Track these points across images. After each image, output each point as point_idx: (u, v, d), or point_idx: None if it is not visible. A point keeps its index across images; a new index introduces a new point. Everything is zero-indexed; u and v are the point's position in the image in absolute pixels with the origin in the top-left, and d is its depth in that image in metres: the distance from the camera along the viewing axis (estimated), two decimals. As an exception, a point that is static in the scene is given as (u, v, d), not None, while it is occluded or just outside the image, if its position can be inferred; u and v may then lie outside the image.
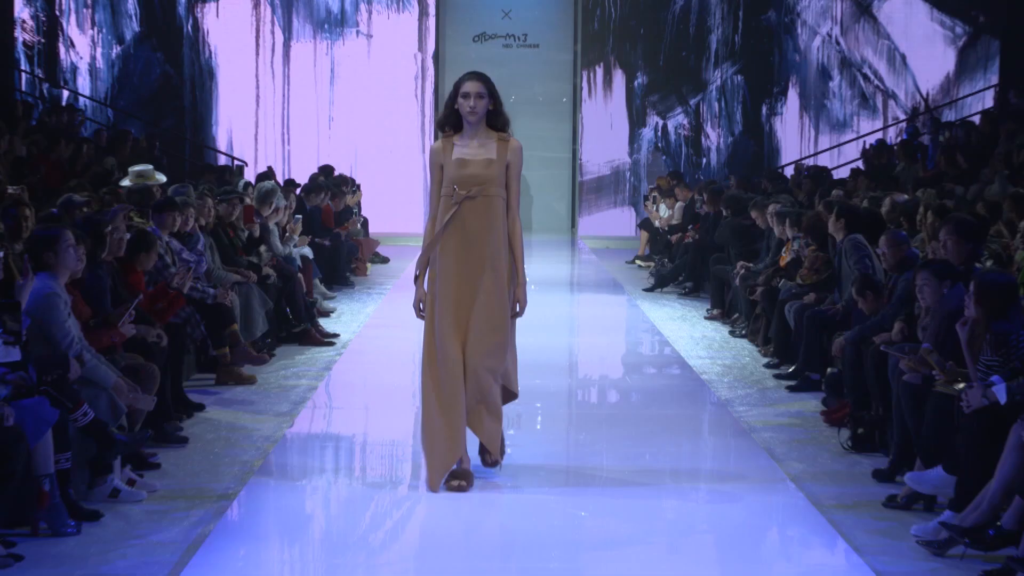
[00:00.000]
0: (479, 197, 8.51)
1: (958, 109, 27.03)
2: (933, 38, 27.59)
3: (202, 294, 12.05)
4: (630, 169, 27.99)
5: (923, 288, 9.05)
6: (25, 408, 7.42)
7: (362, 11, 27.64)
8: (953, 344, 8.50)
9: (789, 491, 8.75)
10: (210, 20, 27.50)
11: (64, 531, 7.56)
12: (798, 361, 12.42)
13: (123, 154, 20.27)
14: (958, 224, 9.72)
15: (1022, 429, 7.14)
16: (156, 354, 9.92)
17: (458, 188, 8.48)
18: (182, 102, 27.59)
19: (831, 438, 10.17)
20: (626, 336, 16.34)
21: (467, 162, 8.52)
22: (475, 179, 8.51)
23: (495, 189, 8.57)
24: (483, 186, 8.51)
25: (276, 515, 8.29)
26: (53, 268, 8.67)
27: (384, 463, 10.22)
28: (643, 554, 7.39)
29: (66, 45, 27.13)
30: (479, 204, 8.53)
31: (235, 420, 10.77)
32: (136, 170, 15.62)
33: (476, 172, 8.52)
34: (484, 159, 8.55)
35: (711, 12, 27.74)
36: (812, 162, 26.27)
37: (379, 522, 8.19)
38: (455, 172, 8.49)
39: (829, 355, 11.29)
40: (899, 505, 8.37)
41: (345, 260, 19.84)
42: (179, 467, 9.20)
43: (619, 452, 9.93)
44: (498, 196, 8.59)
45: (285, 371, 12.90)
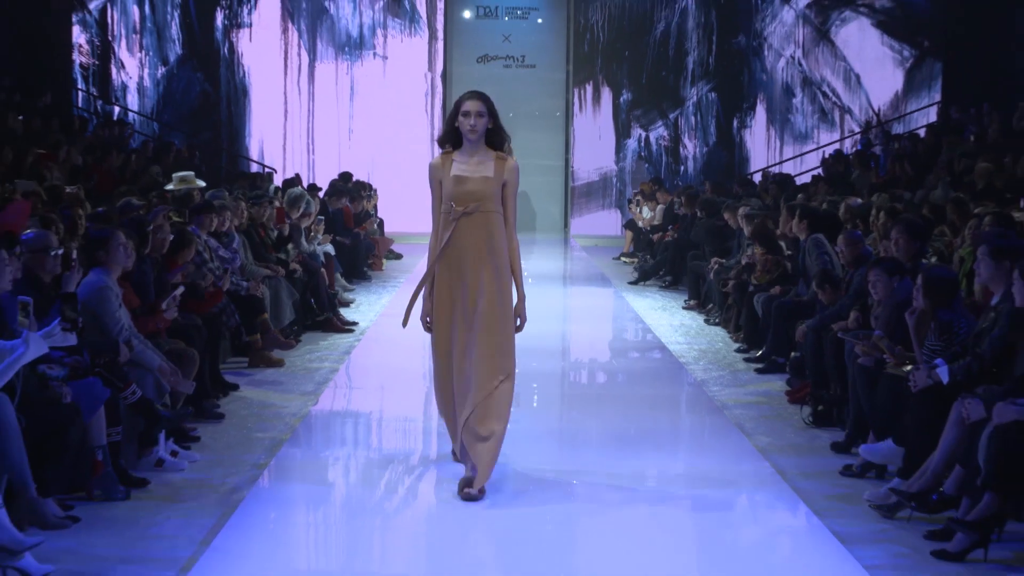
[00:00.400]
0: (476, 213, 7.79)
1: (906, 123, 27.00)
2: (884, 60, 27.57)
3: (236, 287, 12.06)
4: (616, 176, 27.97)
5: (875, 283, 9.06)
6: (80, 387, 7.43)
7: (378, 35, 27.63)
8: (902, 331, 8.52)
9: (757, 461, 8.75)
10: (244, 44, 27.47)
11: (115, 496, 7.56)
12: (765, 346, 12.42)
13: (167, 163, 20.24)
14: (908, 225, 9.75)
15: (962, 406, 7.14)
16: (196, 340, 9.92)
17: (455, 205, 7.78)
18: (219, 116, 27.57)
19: (794, 415, 10.17)
20: (613, 324, 16.33)
21: (465, 179, 7.80)
22: (472, 196, 7.78)
23: (492, 205, 7.83)
24: (480, 203, 7.78)
25: (302, 483, 8.28)
26: (106, 264, 8.69)
27: (398, 436, 10.23)
28: (627, 515, 7.39)
29: (117, 66, 27.11)
30: (476, 220, 7.81)
31: (266, 399, 10.77)
32: (180, 175, 15.62)
33: (473, 189, 7.79)
34: (481, 176, 7.82)
35: (688, 36, 27.72)
36: (778, 169, 26.25)
37: (393, 489, 8.17)
38: (453, 188, 7.79)
39: (793, 341, 11.29)
40: (854, 473, 8.37)
41: (363, 256, 19.82)
42: (216, 440, 9.20)
43: (606, 427, 9.93)
44: (495, 212, 7.86)
45: (310, 355, 12.89)
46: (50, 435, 7.04)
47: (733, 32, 27.70)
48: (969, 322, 8.00)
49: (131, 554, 6.60)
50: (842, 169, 22.02)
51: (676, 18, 27.72)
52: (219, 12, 27.42)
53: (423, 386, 12.05)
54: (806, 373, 10.53)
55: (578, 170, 27.87)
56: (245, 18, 27.48)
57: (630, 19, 27.76)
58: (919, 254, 9.66)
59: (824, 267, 11.43)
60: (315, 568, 6.73)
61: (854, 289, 10.13)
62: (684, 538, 7.19)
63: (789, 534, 7.45)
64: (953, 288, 8.16)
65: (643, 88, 27.87)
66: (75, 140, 18.83)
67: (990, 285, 7.90)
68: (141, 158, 20.04)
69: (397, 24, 27.70)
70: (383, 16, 27.65)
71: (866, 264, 9.85)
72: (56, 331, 7.08)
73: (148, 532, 7.01)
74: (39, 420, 6.99)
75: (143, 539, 6.88)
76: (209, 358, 10.38)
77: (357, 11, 27.59)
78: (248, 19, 27.49)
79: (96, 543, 6.77)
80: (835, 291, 10.71)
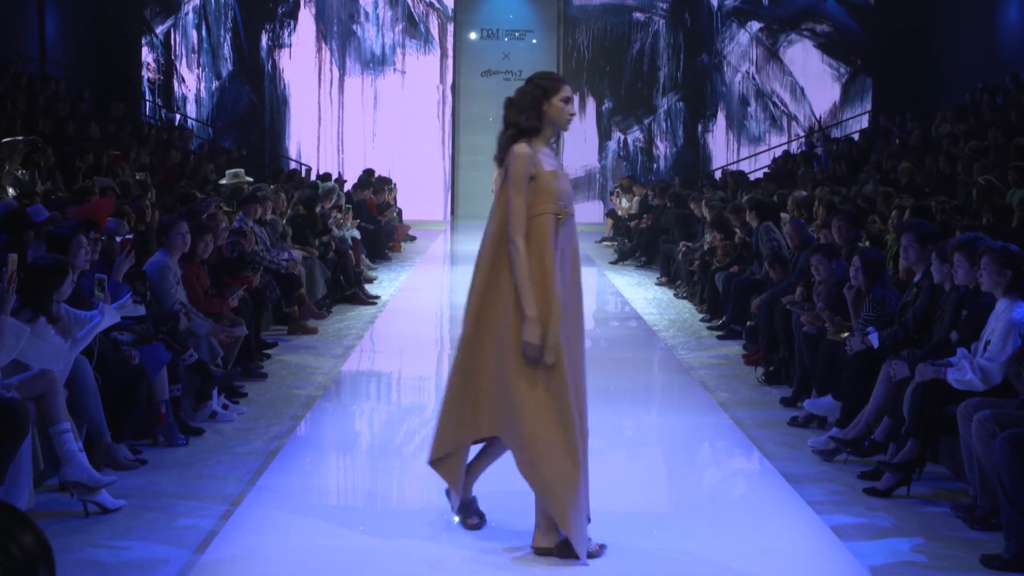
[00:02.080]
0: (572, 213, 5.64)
1: (842, 128, 26.97)
2: (823, 76, 27.55)
3: (277, 265, 12.04)
4: (599, 172, 27.92)
5: (817, 267, 9.07)
6: (146, 351, 7.44)
7: (398, 53, 27.56)
8: (840, 304, 8.53)
9: (718, 414, 8.75)
10: (284, 61, 27.40)
11: (176, 443, 7.57)
12: (725, 316, 12.41)
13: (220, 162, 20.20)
14: (846, 215, 9.78)
15: (890, 367, 7.14)
16: (243, 311, 9.92)
17: (564, 203, 5.52)
18: (263, 122, 27.51)
19: (749, 374, 10.17)
20: (596, 298, 16.30)
21: (559, 175, 5.61)
22: (569, 194, 5.65)
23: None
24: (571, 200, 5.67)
25: (333, 432, 8.28)
26: (168, 247, 8.68)
27: (415, 393, 10.23)
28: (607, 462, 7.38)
29: (179, 81, 27.04)
30: (572, 221, 5.64)
31: (302, 361, 10.76)
32: (232, 172, 15.60)
33: (567, 187, 5.64)
34: (565, 172, 5.79)
35: (660, 55, 27.66)
36: (735, 167, 26.21)
37: (410, 438, 8.17)
38: (557, 185, 5.50)
39: (748, 312, 11.28)
40: (799, 424, 8.37)
41: (384, 240, 19.80)
42: (260, 396, 9.19)
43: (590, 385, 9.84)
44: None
45: (339, 324, 12.88)
46: (122, 391, 7.05)
47: (697, 51, 27.64)
48: (896, 297, 8.01)
49: (190, 491, 6.60)
50: (790, 167, 21.99)
51: (650, 39, 27.67)
52: (264, 34, 27.35)
53: (435, 350, 12.05)
54: (759, 339, 10.53)
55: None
56: (286, 39, 27.42)
57: (611, 40, 27.69)
58: (856, 239, 9.66)
59: (773, 250, 11.43)
60: (345, 504, 6.72)
61: (799, 268, 10.13)
62: (655, 480, 7.18)
63: (744, 476, 7.45)
64: (882, 267, 8.19)
65: (622, 98, 27.81)
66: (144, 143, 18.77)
67: (914, 266, 7.90)
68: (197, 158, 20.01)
69: (413, 44, 27.62)
70: (402, 37, 27.58)
71: (809, 248, 9.85)
72: (128, 303, 7.08)
73: (204, 473, 7.00)
74: (112, 378, 7.00)
75: (200, 479, 6.88)
76: (254, 326, 10.37)
77: (380, 33, 27.53)
78: (288, 40, 27.42)
79: (161, 481, 6.77)
80: (784, 270, 10.71)
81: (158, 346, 7.62)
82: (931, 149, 18.02)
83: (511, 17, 28.14)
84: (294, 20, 27.39)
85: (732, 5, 27.49)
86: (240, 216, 11.91)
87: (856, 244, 9.53)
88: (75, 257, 7.10)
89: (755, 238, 12.26)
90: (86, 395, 6.64)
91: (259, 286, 10.92)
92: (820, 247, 9.38)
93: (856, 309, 8.22)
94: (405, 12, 27.51)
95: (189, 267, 9.14)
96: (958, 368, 6.59)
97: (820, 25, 27.50)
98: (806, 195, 13.81)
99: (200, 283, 9.34)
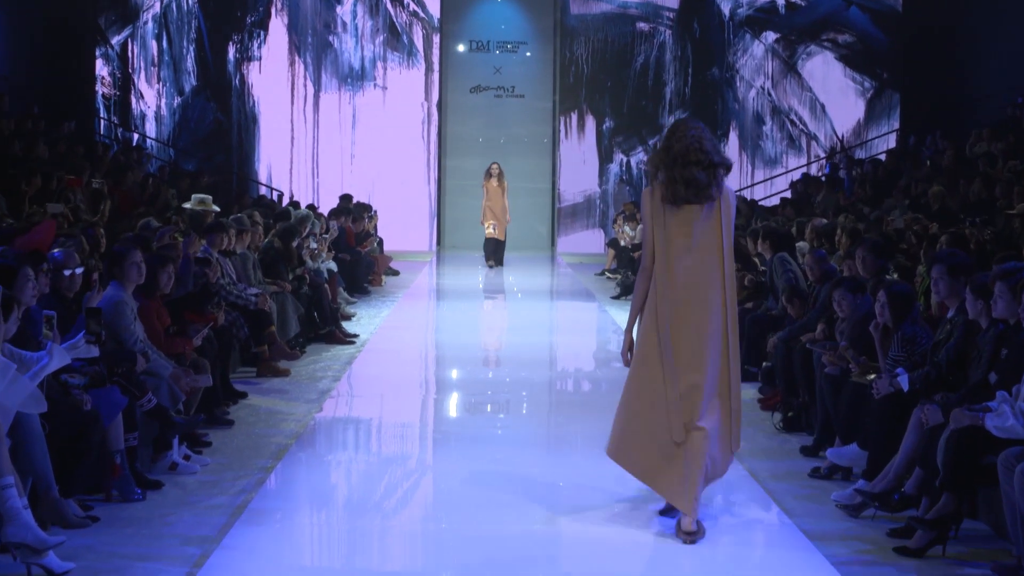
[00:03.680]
0: None
1: (867, 149, 27.05)
2: (846, 91, 27.62)
3: (245, 301, 12.02)
4: (599, 197, 27.94)
5: (840, 302, 9.08)
6: (100, 395, 7.41)
7: (379, 67, 27.60)
8: (865, 342, 8.52)
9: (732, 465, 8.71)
10: (254, 75, 27.43)
11: (132, 497, 7.53)
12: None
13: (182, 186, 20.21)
14: (872, 245, 9.79)
15: (921, 412, 7.13)
16: (207, 351, 9.89)
17: None
18: (230, 143, 27.52)
19: (766, 420, 10.15)
20: (597, 336, 16.30)
21: None
22: None
23: None
24: None
25: (306, 485, 8.25)
26: (122, 279, 8.65)
27: (396, 442, 10.19)
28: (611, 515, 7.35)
29: (137, 97, 27.07)
30: None
31: (272, 406, 10.73)
32: (198, 197, 15.64)
33: None
34: None
35: (666, 68, 27.74)
36: (749, 192, 26.27)
37: (391, 491, 8.14)
38: None
39: (764, 352, 11.27)
40: (821, 475, 8.34)
41: (364, 273, 19.79)
42: (226, 445, 9.15)
43: (590, 432, 9.89)
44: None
45: (314, 365, 12.85)
46: (72, 440, 7.01)
47: (707, 64, 27.72)
48: (927, 334, 8.01)
49: (147, 552, 6.56)
50: (810, 192, 22.00)
51: (655, 52, 27.74)
52: (231, 46, 27.40)
53: (419, 395, 12.03)
54: (777, 382, 10.51)
55: (564, 192, 27.83)
56: (255, 52, 27.46)
57: (612, 52, 27.76)
58: (882, 271, 9.67)
59: (790, 283, 11.43)
60: (319, 564, 6.69)
61: (821, 303, 10.12)
62: (664, 537, 7.15)
63: (762, 532, 7.42)
64: (911, 302, 8.19)
65: (624, 116, 27.86)
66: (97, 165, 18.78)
67: (947, 301, 7.89)
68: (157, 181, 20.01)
69: (396, 57, 27.68)
70: (383, 50, 27.63)
71: (831, 280, 9.86)
72: (81, 343, 7.07)
73: (163, 531, 6.97)
74: (62, 426, 6.96)
75: (158, 538, 6.84)
76: (220, 368, 10.34)
77: (359, 45, 27.58)
78: (258, 53, 27.46)
79: (114, 541, 6.73)
80: (803, 305, 10.71)
81: (113, 390, 7.59)
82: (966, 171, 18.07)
83: (503, 28, 28.25)
84: (264, 30, 27.46)
85: (745, 14, 27.61)
86: (204, 246, 11.90)
87: (883, 277, 9.54)
88: (21, 292, 7.07)
89: (769, 270, 12.26)
90: (32, 444, 6.60)
91: (225, 324, 10.88)
92: (843, 280, 9.39)
93: (884, 348, 8.21)
94: (387, 22, 27.58)
95: (148, 303, 9.11)
96: (998, 413, 6.57)
97: (842, 35, 27.61)
98: (827, 223, 13.83)
99: (160, 320, 9.31)
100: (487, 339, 16.54)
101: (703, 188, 6.90)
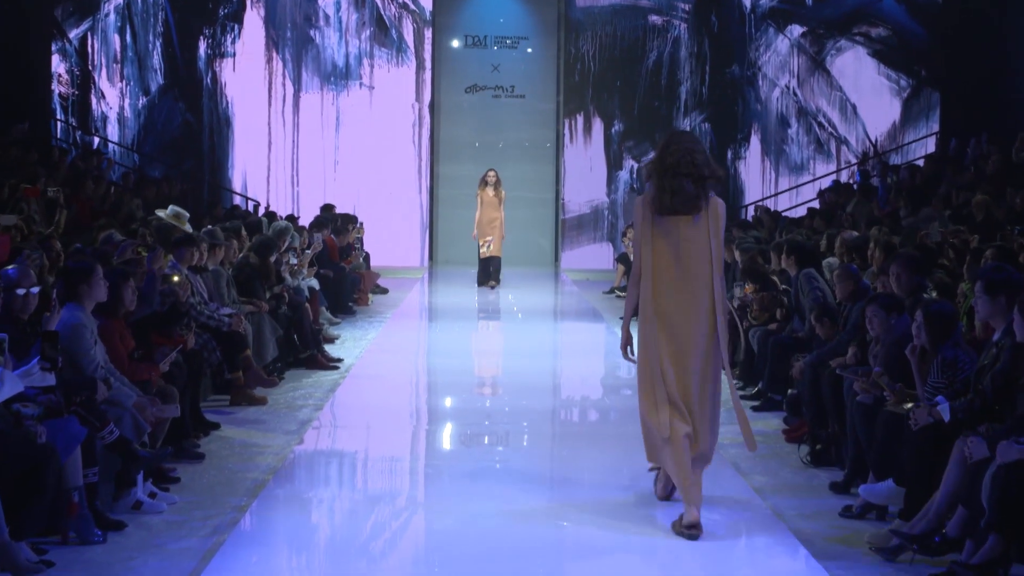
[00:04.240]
0: None
1: (903, 153, 27.09)
2: (880, 90, 27.67)
3: (218, 323, 12.00)
4: (608, 208, 27.98)
5: (872, 319, 9.07)
6: (56, 426, 7.38)
7: (365, 65, 27.65)
8: (901, 368, 8.50)
9: (754, 503, 8.71)
10: (227, 73, 27.50)
11: (91, 540, 7.51)
12: (761, 383, 12.40)
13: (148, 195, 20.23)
14: (907, 260, 9.74)
15: (964, 445, 7.11)
16: (176, 377, 9.88)
17: None
18: (201, 147, 27.57)
19: (792, 454, 10.14)
20: (605, 360, 16.28)
21: None
22: None
23: None
24: None
25: (285, 525, 8.23)
26: (82, 299, 8.63)
27: (384, 478, 10.17)
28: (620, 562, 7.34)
29: (97, 96, 27.12)
30: None
31: (248, 438, 10.72)
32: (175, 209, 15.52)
33: None
34: None
35: (681, 66, 27.79)
36: (772, 202, 26.30)
37: (379, 532, 8.13)
38: None
39: (789, 378, 11.26)
40: (854, 515, 8.33)
41: (348, 291, 19.79)
42: (196, 481, 9.14)
43: (599, 467, 9.88)
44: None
45: (293, 393, 12.84)
46: (24, 476, 6.98)
47: (727, 61, 27.78)
48: (971, 359, 7.98)
49: (107, 600, 6.54)
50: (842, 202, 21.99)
51: (668, 47, 27.80)
52: (202, 41, 27.46)
53: (410, 425, 12.02)
54: (803, 411, 10.50)
55: (569, 202, 27.88)
56: (228, 47, 27.52)
57: (621, 48, 27.82)
58: (919, 288, 9.65)
59: (817, 301, 11.43)
60: (298, 614, 6.68)
61: (852, 324, 10.12)
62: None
63: (787, 578, 7.41)
64: (952, 323, 8.15)
65: (635, 118, 27.91)
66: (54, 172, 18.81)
67: (991, 321, 7.88)
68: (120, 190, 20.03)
69: (384, 54, 27.74)
70: (369, 45, 27.68)
71: (863, 299, 9.85)
72: (35, 370, 7.05)
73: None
74: (12, 460, 6.94)
75: (120, 584, 6.83)
76: (189, 396, 10.33)
77: (343, 40, 27.64)
78: (232, 48, 27.52)
79: (71, 589, 6.72)
80: (833, 325, 10.70)
81: (70, 420, 7.58)
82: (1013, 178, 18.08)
83: (501, 21, 28.30)
84: (239, 24, 27.53)
85: (768, 5, 27.68)
86: (172, 261, 11.90)
87: (920, 295, 9.53)
88: (-30, 313, 7.07)
89: (794, 288, 12.27)
90: (-19, 482, 6.59)
91: (196, 347, 10.87)
92: (877, 296, 9.38)
93: (922, 374, 8.20)
94: (374, 15, 27.65)
95: (110, 323, 9.10)
96: (1048, 446, 6.57)
97: (876, 28, 27.67)
98: (858, 236, 13.84)
99: (124, 343, 9.31)
100: (484, 364, 16.53)
101: (691, 199, 7.86)
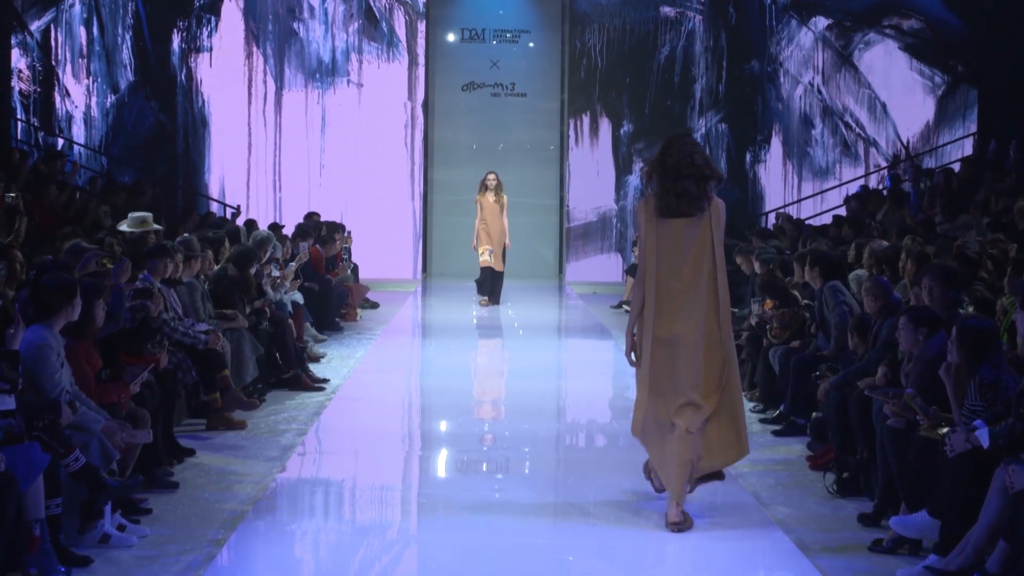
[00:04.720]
0: None
1: (938, 156, 27.09)
2: (913, 87, 27.66)
3: (193, 340, 11.99)
4: (616, 215, 27.99)
5: (900, 332, 9.07)
6: (16, 453, 7.37)
7: (353, 61, 27.67)
8: (936, 389, 8.49)
9: (776, 535, 8.71)
10: (203, 70, 27.51)
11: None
12: (783, 406, 12.39)
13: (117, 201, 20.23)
14: (940, 272, 9.71)
15: (1005, 473, 7.10)
16: (147, 399, 9.87)
17: None
18: (175, 150, 27.58)
19: (816, 482, 10.13)
20: (613, 380, 16.27)
21: None
22: None
23: None
24: None
25: (266, 560, 8.23)
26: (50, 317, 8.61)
27: (373, 508, 10.17)
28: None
29: (61, 94, 27.13)
30: None
31: (226, 465, 10.72)
32: (137, 216, 15.53)
33: None
34: None
35: (695, 62, 27.81)
36: (795, 208, 26.32)
37: (368, 568, 8.13)
38: None
39: (814, 400, 11.26)
40: (885, 549, 8.33)
41: (335, 305, 19.78)
42: (169, 512, 9.14)
43: (606, 495, 9.87)
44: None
45: (275, 416, 12.84)
46: (-18, 507, 6.99)
47: (745, 57, 27.80)
48: (1013, 379, 7.97)
49: (72, 642, 6.54)
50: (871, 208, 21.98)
51: (682, 41, 27.83)
52: (176, 35, 27.48)
53: (402, 451, 12.01)
54: (829, 436, 10.50)
55: (574, 209, 27.89)
56: (205, 41, 27.54)
57: (631, 43, 27.84)
58: (955, 303, 9.64)
59: (844, 317, 11.43)
60: (280, 657, 6.68)
61: (882, 341, 10.12)
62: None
63: (812, 617, 7.41)
64: (991, 341, 8.13)
65: (646, 119, 27.93)
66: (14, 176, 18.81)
67: (1033, 338, 7.88)
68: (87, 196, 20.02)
69: (374, 48, 27.78)
70: (358, 40, 27.72)
71: (895, 314, 9.85)
72: (-8, 393, 7.04)
73: (92, 617, 6.95)
74: (-30, 490, 6.94)
75: (86, 624, 6.83)
76: (162, 420, 10.32)
77: (329, 34, 27.67)
78: (208, 43, 27.54)
79: (33, 629, 6.71)
80: (863, 341, 10.68)
81: (32, 447, 7.57)
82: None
83: (501, 13, 28.33)
84: (216, 16, 27.56)
85: (791, -4, 27.73)
86: (144, 274, 11.90)
87: (955, 310, 9.52)
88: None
89: (818, 302, 12.26)
90: (-65, 513, 6.58)
91: (169, 366, 10.86)
92: (909, 308, 9.38)
93: (958, 396, 8.19)
94: (362, 6, 27.68)
95: (77, 343, 9.10)
96: (1095, 475, 6.57)
97: (908, 20, 27.69)
98: (889, 246, 13.84)
99: (91, 363, 9.30)
100: (482, 385, 16.53)
101: (694, 200, 8.54)
